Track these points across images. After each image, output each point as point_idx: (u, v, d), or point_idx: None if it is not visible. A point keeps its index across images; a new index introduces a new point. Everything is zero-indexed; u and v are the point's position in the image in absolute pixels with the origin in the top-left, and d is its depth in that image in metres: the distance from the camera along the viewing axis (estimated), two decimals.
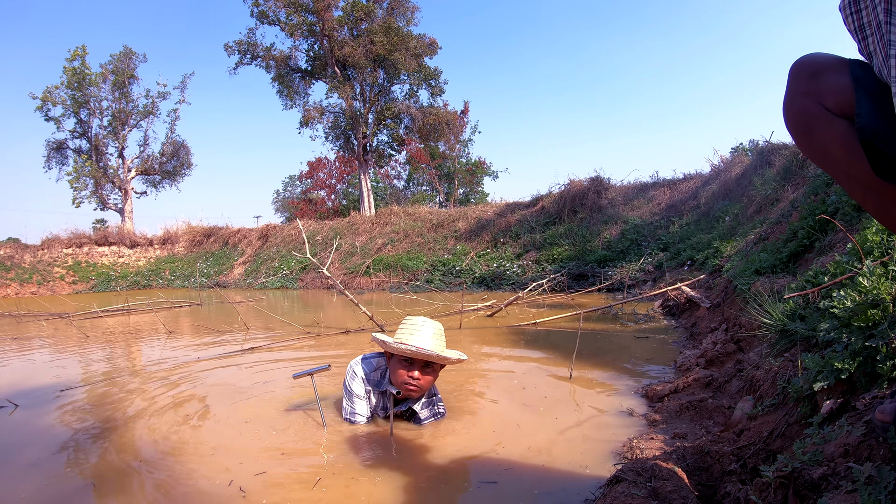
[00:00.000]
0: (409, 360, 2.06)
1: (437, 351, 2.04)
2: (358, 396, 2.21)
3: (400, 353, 2.03)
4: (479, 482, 1.62)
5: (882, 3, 0.75)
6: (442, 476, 1.71)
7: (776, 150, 9.21)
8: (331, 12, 19.34)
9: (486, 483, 1.61)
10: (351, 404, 2.22)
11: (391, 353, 2.11)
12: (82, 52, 20.36)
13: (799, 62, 0.92)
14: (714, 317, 3.94)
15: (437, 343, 2.08)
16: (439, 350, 2.06)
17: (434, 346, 2.05)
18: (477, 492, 1.57)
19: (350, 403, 2.23)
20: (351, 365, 2.26)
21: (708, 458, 1.44)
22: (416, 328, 2.08)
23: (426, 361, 2.07)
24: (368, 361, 2.24)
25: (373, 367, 2.23)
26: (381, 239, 14.62)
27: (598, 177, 13.49)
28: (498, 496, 1.53)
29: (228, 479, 1.68)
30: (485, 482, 1.61)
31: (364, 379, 2.22)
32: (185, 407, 2.59)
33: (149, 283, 16.14)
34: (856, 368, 1.34)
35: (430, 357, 2.02)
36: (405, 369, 2.05)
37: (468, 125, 28.70)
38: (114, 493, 1.65)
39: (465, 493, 1.59)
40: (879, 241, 1.97)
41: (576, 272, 10.14)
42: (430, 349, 2.01)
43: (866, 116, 0.79)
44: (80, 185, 20.57)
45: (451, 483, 1.66)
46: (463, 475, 1.71)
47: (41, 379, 3.40)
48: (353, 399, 2.22)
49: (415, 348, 1.98)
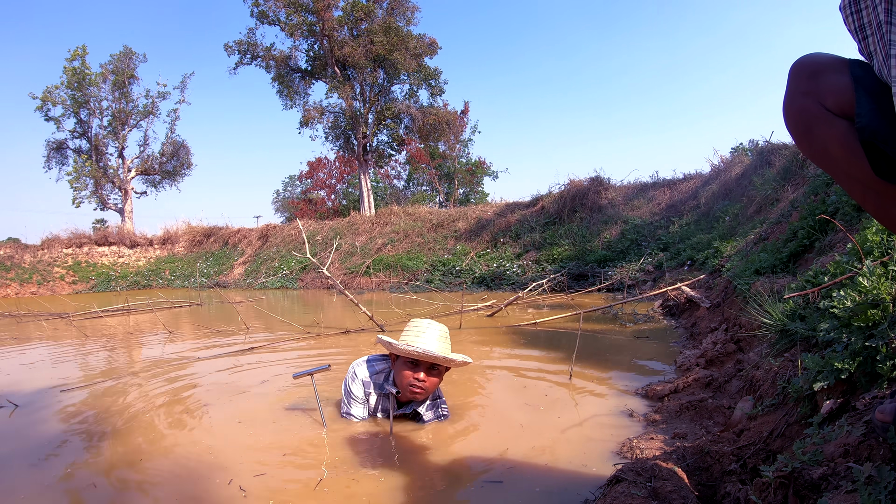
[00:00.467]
0: (415, 363, 2.06)
1: (443, 353, 2.04)
2: (355, 398, 2.21)
3: (406, 355, 2.03)
4: (483, 482, 1.62)
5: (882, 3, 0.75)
6: (443, 476, 1.71)
7: (776, 150, 9.21)
8: (331, 12, 19.33)
9: (492, 483, 1.60)
10: (347, 405, 2.23)
11: (397, 354, 2.11)
12: (82, 52, 20.36)
13: (799, 62, 0.92)
14: (714, 317, 3.94)
15: (443, 345, 2.08)
16: (445, 353, 2.06)
17: (440, 348, 2.05)
18: (479, 491, 1.57)
19: (346, 404, 2.23)
20: (353, 365, 2.26)
21: (708, 458, 1.44)
22: (422, 330, 2.08)
23: (432, 364, 2.07)
24: (371, 364, 2.24)
25: (375, 371, 2.22)
26: (381, 239, 14.62)
27: (598, 177, 13.50)
28: (498, 496, 1.53)
29: (228, 478, 1.68)
30: (490, 482, 1.61)
31: (364, 382, 2.21)
32: (184, 407, 2.59)
33: (149, 283, 16.14)
34: (856, 368, 1.34)
35: (436, 359, 2.02)
36: (410, 371, 2.05)
37: (468, 125, 28.73)
38: (114, 492, 1.65)
39: (467, 493, 1.59)
40: (879, 241, 1.97)
41: (576, 272, 10.14)
42: (436, 352, 2.01)
43: (866, 116, 0.79)
44: (80, 185, 20.57)
45: (452, 483, 1.66)
46: (463, 475, 1.71)
47: (41, 379, 3.40)
48: (351, 400, 2.22)
49: (421, 350, 1.98)
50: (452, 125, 22.06)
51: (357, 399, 2.21)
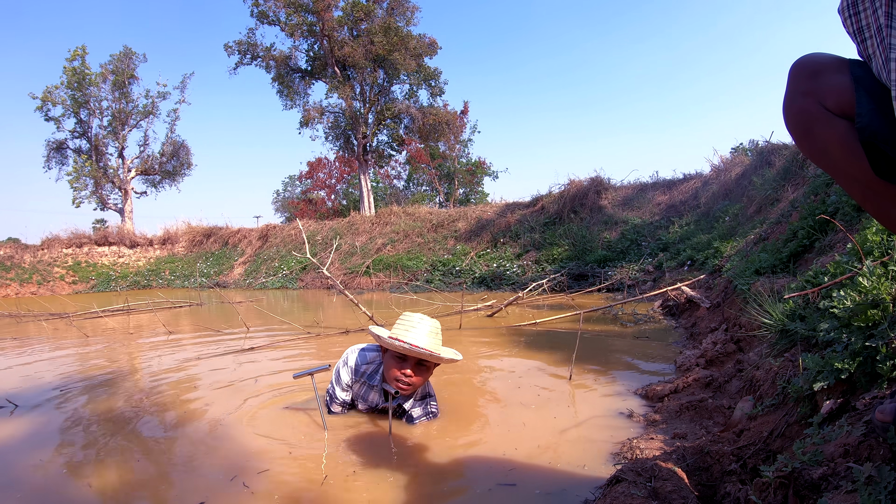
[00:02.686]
0: (403, 357, 2.04)
1: (431, 349, 2.01)
2: (339, 384, 2.26)
3: (393, 348, 2.01)
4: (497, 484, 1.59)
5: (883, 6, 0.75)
6: (443, 476, 1.71)
7: (776, 150, 9.22)
8: (331, 12, 19.34)
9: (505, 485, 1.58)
10: (331, 388, 2.28)
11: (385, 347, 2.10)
12: (82, 52, 20.35)
13: (799, 62, 0.92)
14: (714, 317, 3.94)
15: (433, 341, 2.05)
16: (433, 348, 2.03)
17: (429, 343, 2.02)
18: (481, 492, 1.57)
19: (332, 386, 2.29)
20: (347, 352, 2.29)
21: (708, 458, 1.44)
22: (413, 325, 2.06)
23: (419, 359, 2.05)
24: (363, 353, 2.25)
25: (366, 360, 2.23)
26: (381, 239, 14.61)
27: (597, 177, 13.50)
28: (498, 496, 1.52)
29: (230, 476, 1.68)
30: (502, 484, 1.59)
31: (353, 369, 2.24)
32: (184, 406, 2.59)
33: (149, 284, 16.14)
34: (856, 368, 1.34)
35: (423, 355, 1.99)
36: (398, 366, 2.04)
37: (468, 125, 28.73)
38: (115, 492, 1.65)
39: (468, 492, 1.59)
40: (879, 241, 1.97)
41: (576, 272, 10.14)
42: (425, 347, 1.99)
43: (866, 117, 0.79)
44: (80, 185, 20.56)
45: (453, 483, 1.66)
46: (464, 475, 1.71)
47: (41, 379, 3.40)
48: (336, 384, 2.27)
49: (409, 345, 1.95)
50: (452, 125, 22.06)
51: (343, 384, 2.26)
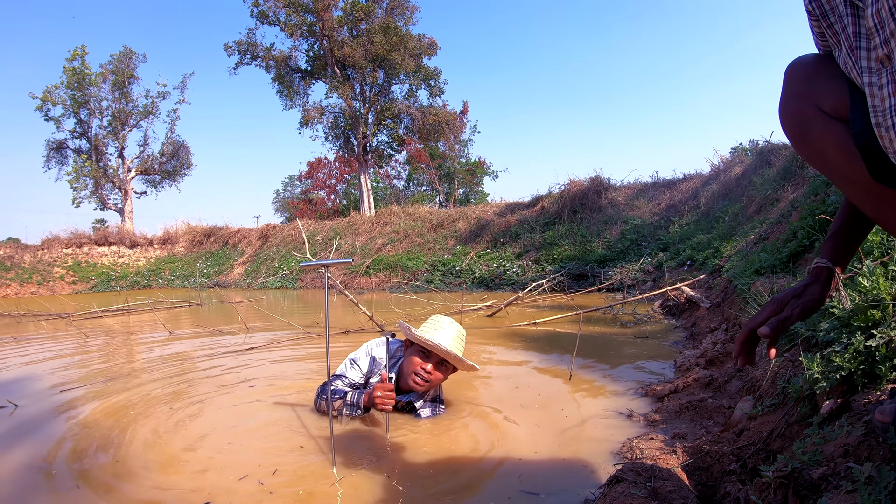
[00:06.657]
0: (427, 354, 2.15)
1: (456, 352, 2.13)
2: (355, 366, 2.30)
3: (421, 342, 2.12)
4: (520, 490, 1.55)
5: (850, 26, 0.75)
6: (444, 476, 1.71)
7: (776, 151, 9.22)
8: (330, 12, 19.34)
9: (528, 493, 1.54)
10: (342, 369, 2.31)
11: (412, 341, 2.19)
12: (82, 52, 20.37)
13: (794, 64, 0.90)
14: (714, 317, 3.94)
15: (457, 346, 2.17)
16: (457, 351, 2.15)
17: (454, 346, 2.14)
18: (481, 491, 1.57)
19: (342, 367, 2.31)
20: (370, 344, 2.35)
21: (708, 458, 1.44)
22: (442, 326, 2.18)
23: (442, 359, 2.15)
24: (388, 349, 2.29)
25: (390, 354, 2.27)
26: (380, 239, 14.62)
27: (597, 177, 13.50)
28: (498, 495, 1.53)
29: (240, 475, 1.68)
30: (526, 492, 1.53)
31: (374, 360, 2.31)
32: (184, 406, 2.59)
33: (149, 283, 16.14)
34: (856, 368, 1.35)
35: (448, 355, 2.10)
36: (421, 360, 2.14)
37: (468, 125, 28.76)
38: (115, 492, 1.65)
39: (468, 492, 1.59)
40: (879, 241, 1.97)
41: (576, 272, 10.14)
42: (449, 348, 2.10)
43: (862, 120, 0.79)
44: (79, 185, 20.58)
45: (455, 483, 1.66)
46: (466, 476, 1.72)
47: (41, 379, 3.40)
48: (350, 367, 2.30)
49: (436, 342, 2.07)
50: (452, 125, 22.06)
51: (358, 368, 2.30)
